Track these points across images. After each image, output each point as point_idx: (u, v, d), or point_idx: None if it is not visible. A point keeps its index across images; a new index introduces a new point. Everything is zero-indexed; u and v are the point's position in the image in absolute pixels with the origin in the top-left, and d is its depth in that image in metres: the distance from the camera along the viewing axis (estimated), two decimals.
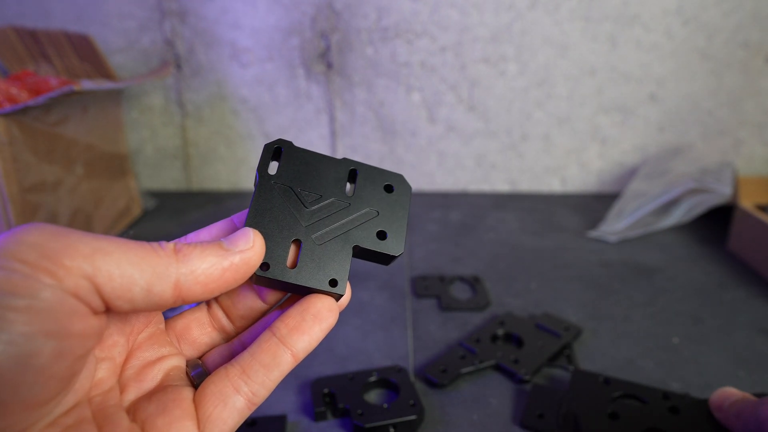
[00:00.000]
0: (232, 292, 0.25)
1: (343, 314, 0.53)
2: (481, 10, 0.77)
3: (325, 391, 0.40)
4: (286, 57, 0.81)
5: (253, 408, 0.22)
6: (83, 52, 0.73)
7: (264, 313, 0.25)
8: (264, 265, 0.23)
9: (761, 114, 0.81)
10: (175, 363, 0.23)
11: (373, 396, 0.42)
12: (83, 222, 0.63)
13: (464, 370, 0.44)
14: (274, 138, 0.86)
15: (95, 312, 0.18)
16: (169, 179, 0.89)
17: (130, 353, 0.23)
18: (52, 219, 0.57)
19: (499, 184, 0.88)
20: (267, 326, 0.24)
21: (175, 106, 0.84)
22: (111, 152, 0.70)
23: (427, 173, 0.87)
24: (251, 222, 0.24)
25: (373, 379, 0.42)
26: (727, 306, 0.55)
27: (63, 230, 0.18)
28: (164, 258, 0.19)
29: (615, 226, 0.72)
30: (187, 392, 0.22)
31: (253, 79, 0.82)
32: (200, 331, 0.25)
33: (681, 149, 0.83)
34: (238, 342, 0.25)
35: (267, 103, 0.83)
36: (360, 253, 0.26)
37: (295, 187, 0.25)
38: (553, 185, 0.88)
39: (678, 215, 0.73)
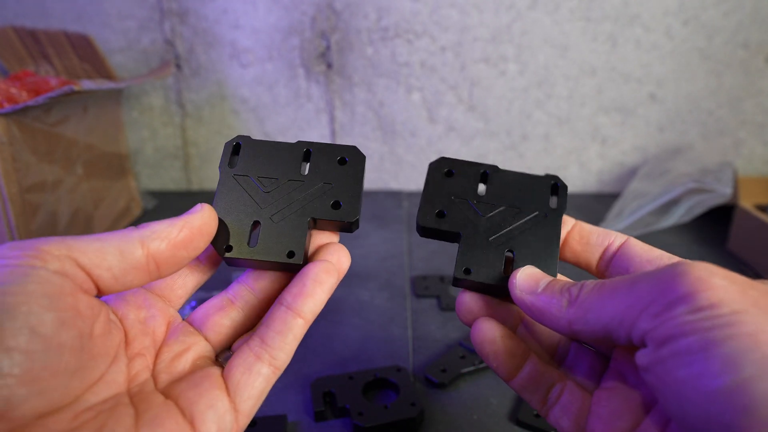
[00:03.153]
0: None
1: (343, 314, 0.53)
2: (481, 10, 0.77)
3: (325, 391, 0.40)
4: (286, 57, 0.81)
5: (278, 372, 0.25)
6: (83, 52, 0.73)
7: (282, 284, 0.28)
8: (228, 248, 0.26)
9: (761, 114, 0.81)
10: (201, 350, 0.26)
11: (373, 396, 0.42)
12: (83, 222, 0.63)
13: (464, 370, 0.44)
14: (275, 138, 0.86)
15: (83, 289, 0.21)
16: (169, 179, 0.89)
17: (160, 350, 0.25)
18: (52, 219, 0.57)
19: None
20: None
21: (175, 106, 0.84)
22: (111, 152, 0.70)
23: None
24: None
25: (373, 379, 0.42)
26: None
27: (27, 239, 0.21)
28: (124, 230, 0.23)
29: (615, 226, 0.72)
30: (216, 370, 0.24)
31: (253, 79, 0.82)
32: (220, 315, 0.27)
33: (681, 149, 0.82)
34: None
35: (267, 103, 0.83)
36: (321, 224, 0.28)
37: (253, 176, 0.28)
38: None
39: (678, 215, 0.73)
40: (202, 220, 0.25)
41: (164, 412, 0.22)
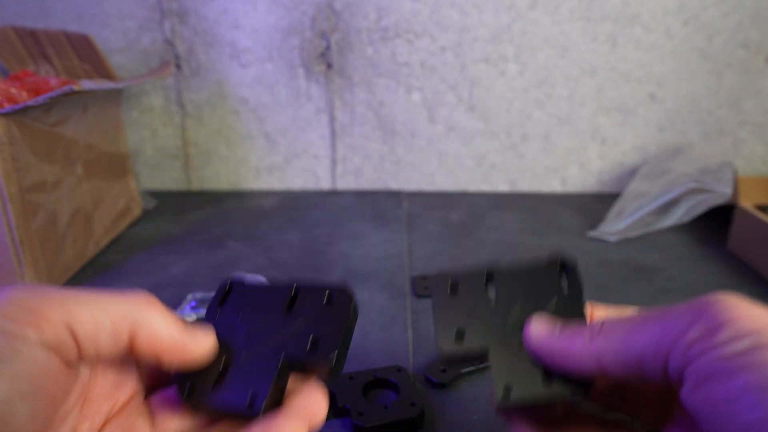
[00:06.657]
0: None
1: None
2: (481, 10, 0.77)
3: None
4: (286, 57, 0.81)
5: None
6: (83, 52, 0.73)
7: None
8: (190, 390, 0.25)
9: (761, 114, 0.81)
10: None
11: (373, 396, 0.42)
12: (83, 222, 0.63)
13: (464, 370, 0.44)
14: (275, 138, 0.86)
15: (69, 364, 0.21)
16: (169, 179, 0.89)
17: (108, 420, 0.24)
18: (52, 219, 0.57)
19: (499, 184, 0.88)
20: None
21: (175, 106, 0.84)
22: (111, 152, 0.70)
23: (427, 173, 0.87)
24: None
25: (373, 379, 0.42)
26: None
27: (41, 286, 0.21)
28: (128, 302, 0.22)
29: (615, 226, 0.72)
30: None
31: (253, 79, 0.82)
32: (174, 415, 0.25)
33: (681, 149, 0.83)
34: None
35: (267, 103, 0.83)
36: (298, 367, 0.25)
37: (236, 315, 0.27)
38: (554, 185, 0.88)
39: (678, 215, 0.73)
40: (196, 354, 0.24)
41: None
